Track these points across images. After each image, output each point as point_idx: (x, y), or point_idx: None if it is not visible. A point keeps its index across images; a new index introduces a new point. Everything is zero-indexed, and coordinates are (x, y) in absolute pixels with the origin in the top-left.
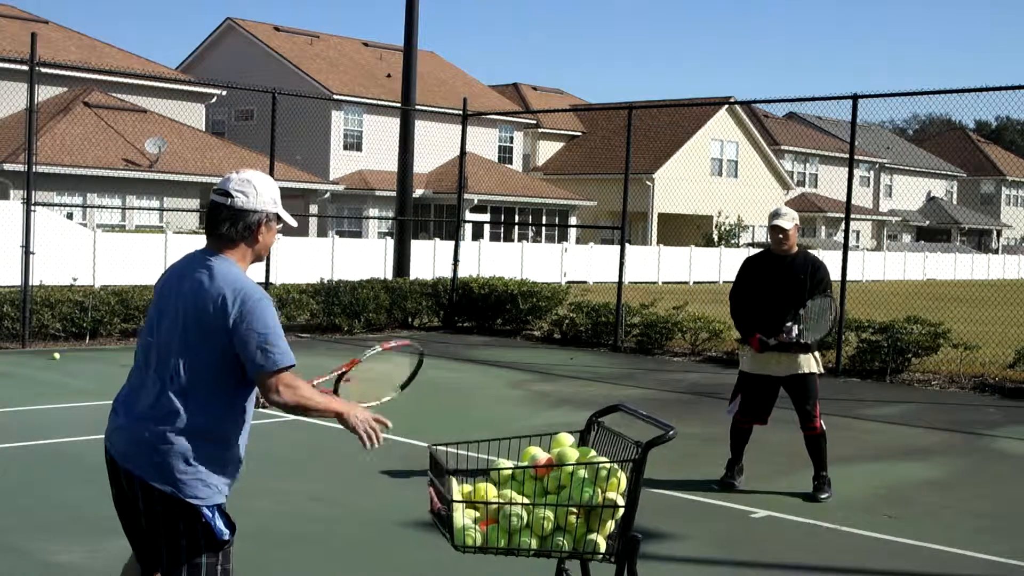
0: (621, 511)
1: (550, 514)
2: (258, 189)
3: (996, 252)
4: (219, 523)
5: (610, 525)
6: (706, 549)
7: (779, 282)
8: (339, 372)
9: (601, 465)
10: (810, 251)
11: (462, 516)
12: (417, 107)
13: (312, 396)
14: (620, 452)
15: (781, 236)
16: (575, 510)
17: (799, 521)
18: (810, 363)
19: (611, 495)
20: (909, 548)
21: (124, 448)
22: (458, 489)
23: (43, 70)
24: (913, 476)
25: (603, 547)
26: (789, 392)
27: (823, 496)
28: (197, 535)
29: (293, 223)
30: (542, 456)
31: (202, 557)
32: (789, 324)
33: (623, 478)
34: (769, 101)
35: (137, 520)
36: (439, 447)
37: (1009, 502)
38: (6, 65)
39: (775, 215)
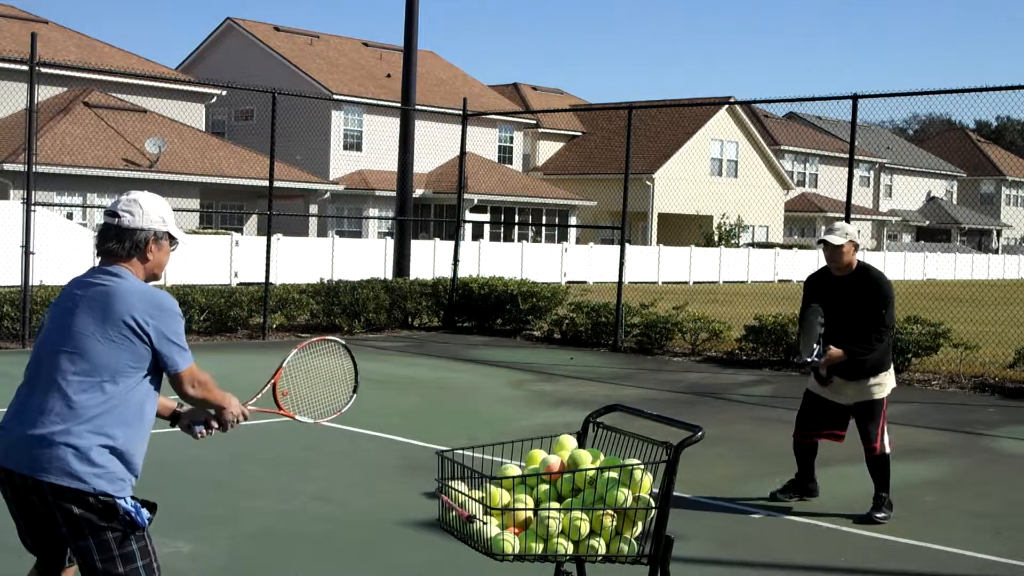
0: (652, 512)
1: (586, 517)
2: (144, 208)
3: (996, 252)
4: (140, 513)
5: (638, 527)
6: (706, 549)
7: (835, 304)
8: (272, 384)
9: (634, 467)
10: (876, 270)
11: (491, 523)
12: (417, 107)
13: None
14: (633, 452)
15: (832, 254)
16: (611, 512)
17: (799, 521)
18: (877, 390)
19: (643, 496)
20: (909, 548)
21: (27, 459)
22: (498, 496)
23: (43, 70)
24: (913, 476)
25: (635, 549)
26: (855, 416)
27: (880, 516)
28: (121, 525)
29: (184, 239)
30: (552, 459)
31: (131, 543)
32: (814, 357)
33: (648, 479)
34: (769, 101)
35: (55, 528)
36: (446, 454)
37: (1009, 502)
38: (6, 65)
39: (827, 230)
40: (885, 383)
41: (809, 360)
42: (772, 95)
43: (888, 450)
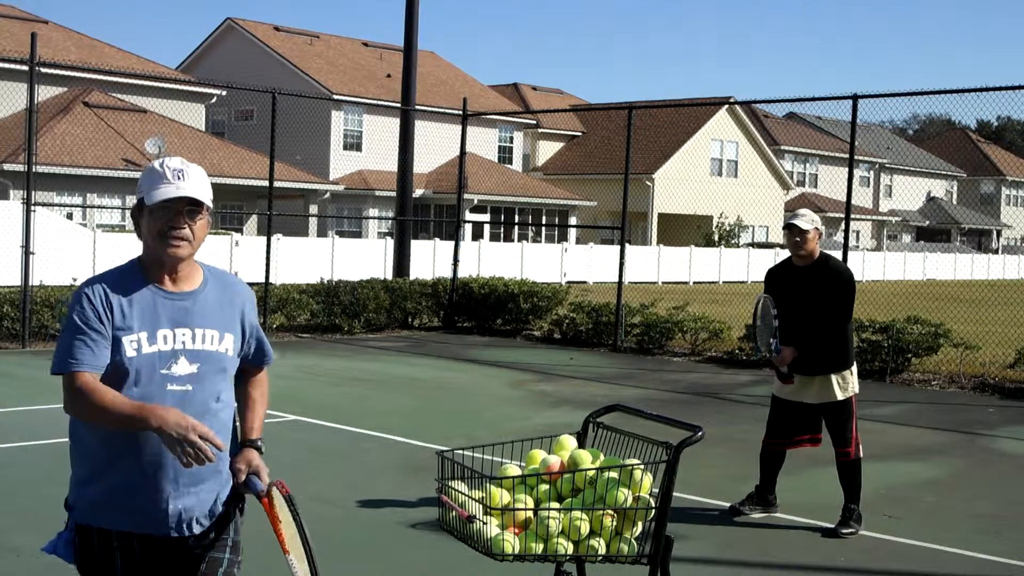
0: (651, 512)
1: (586, 517)
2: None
3: (996, 252)
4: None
5: (639, 527)
6: (706, 549)
7: (794, 296)
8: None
9: (634, 467)
10: (837, 261)
11: (491, 523)
12: (417, 107)
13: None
14: (633, 452)
15: (797, 239)
16: (611, 512)
17: (799, 521)
18: (842, 389)
19: (643, 496)
20: (909, 548)
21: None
22: (498, 496)
23: (43, 70)
24: (913, 476)
25: (635, 549)
26: (823, 417)
27: (846, 532)
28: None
29: (163, 195)
30: (552, 459)
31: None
32: (773, 346)
33: (648, 479)
34: (769, 101)
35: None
36: (446, 454)
37: (1009, 502)
38: (6, 65)
39: (793, 214)
40: (850, 381)
41: (769, 354)
42: (772, 95)
43: (860, 455)
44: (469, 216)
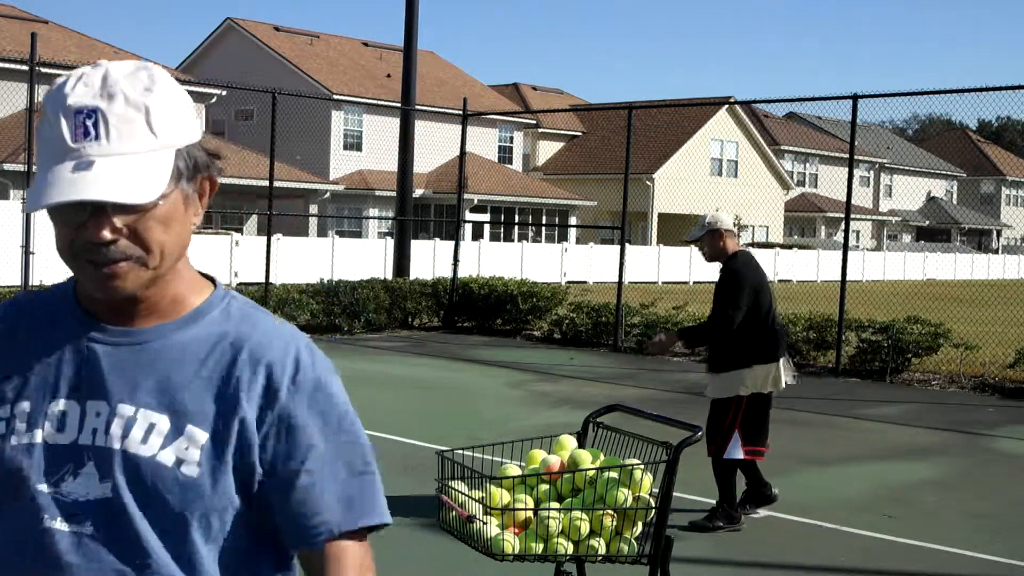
0: (651, 512)
1: (586, 517)
2: None
3: (996, 252)
4: None
5: (639, 527)
6: (706, 549)
7: None
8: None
9: (634, 467)
10: (740, 256)
11: (491, 523)
12: (417, 107)
13: None
14: (633, 452)
15: (699, 247)
16: (611, 512)
17: (799, 521)
18: (722, 389)
19: (643, 496)
20: (909, 548)
21: None
22: (498, 496)
23: (43, 70)
24: (913, 476)
25: (635, 549)
26: None
27: (710, 524)
28: None
29: (44, 199)
30: (552, 459)
31: None
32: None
33: (648, 479)
34: (769, 101)
35: None
36: (446, 454)
37: (1009, 502)
38: (6, 65)
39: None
40: (735, 383)
41: None
42: (772, 95)
43: (734, 456)
44: (469, 216)
